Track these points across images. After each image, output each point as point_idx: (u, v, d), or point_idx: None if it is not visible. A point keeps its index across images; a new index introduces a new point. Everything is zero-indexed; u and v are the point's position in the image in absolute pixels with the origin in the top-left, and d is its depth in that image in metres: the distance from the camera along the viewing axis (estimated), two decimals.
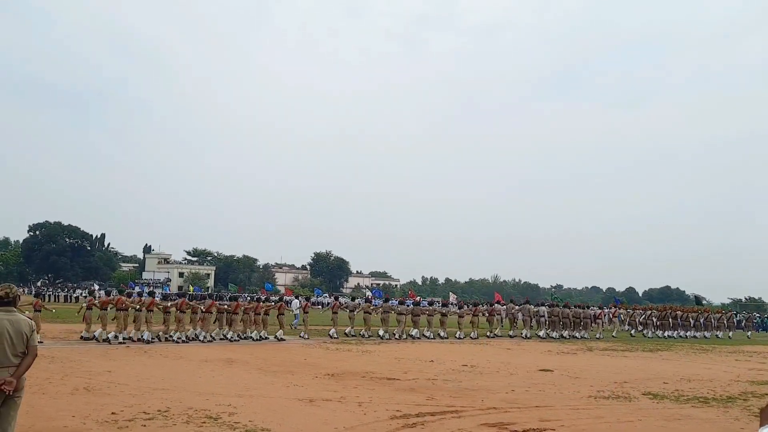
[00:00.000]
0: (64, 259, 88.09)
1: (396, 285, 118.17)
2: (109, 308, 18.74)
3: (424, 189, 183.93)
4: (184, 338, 19.00)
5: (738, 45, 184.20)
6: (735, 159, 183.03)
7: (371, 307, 24.81)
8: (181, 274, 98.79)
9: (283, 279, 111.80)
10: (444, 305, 27.63)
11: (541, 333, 26.53)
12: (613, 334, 29.84)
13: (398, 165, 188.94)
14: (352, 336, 22.89)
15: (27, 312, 14.82)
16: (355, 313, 24.47)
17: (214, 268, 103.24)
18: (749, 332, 36.89)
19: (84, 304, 20.21)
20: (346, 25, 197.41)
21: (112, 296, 18.93)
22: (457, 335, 24.40)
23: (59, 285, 76.98)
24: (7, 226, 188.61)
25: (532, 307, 27.68)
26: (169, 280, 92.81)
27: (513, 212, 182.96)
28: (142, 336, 18.36)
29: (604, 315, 33.95)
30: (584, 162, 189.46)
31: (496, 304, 29.76)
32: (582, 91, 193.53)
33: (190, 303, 20.46)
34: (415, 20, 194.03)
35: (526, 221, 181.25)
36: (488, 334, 25.86)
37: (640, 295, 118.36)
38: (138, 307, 18.80)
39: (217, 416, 7.99)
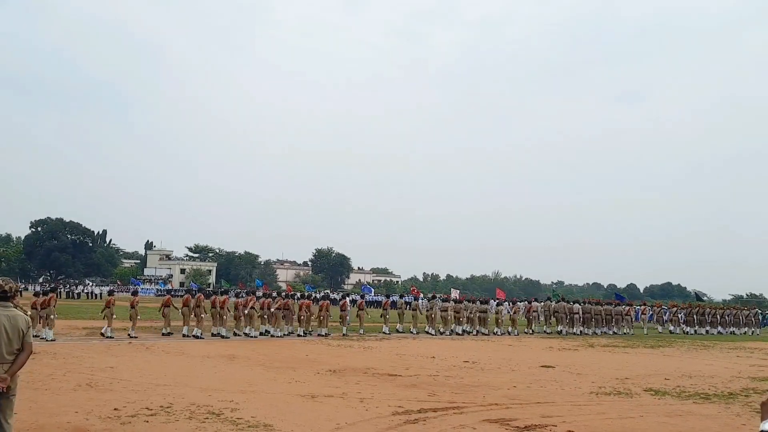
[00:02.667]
0: (65, 256, 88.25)
1: (397, 281, 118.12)
2: (191, 306, 19.60)
3: (424, 183, 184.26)
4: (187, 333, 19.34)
5: (738, 39, 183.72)
6: (734, 152, 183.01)
7: (416, 305, 26.30)
8: (182, 271, 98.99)
9: (284, 275, 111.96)
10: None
11: (576, 330, 27.14)
12: (645, 331, 30.17)
13: (398, 159, 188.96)
14: (401, 332, 23.96)
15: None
16: (403, 311, 25.65)
17: (215, 264, 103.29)
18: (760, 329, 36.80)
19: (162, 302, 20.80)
20: (347, 18, 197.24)
21: (194, 294, 20.23)
22: (495, 331, 25.47)
23: (61, 281, 77.07)
24: (9, 223, 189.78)
25: (567, 304, 28.23)
26: (170, 276, 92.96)
27: (513, 209, 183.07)
28: (219, 332, 19.45)
29: (634, 312, 34.12)
30: (584, 157, 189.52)
31: (534, 302, 30.18)
32: (583, 85, 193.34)
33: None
34: (415, 14, 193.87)
35: (526, 217, 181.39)
36: (527, 330, 26.76)
37: (642, 291, 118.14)
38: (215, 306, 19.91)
39: (220, 412, 8.02)
